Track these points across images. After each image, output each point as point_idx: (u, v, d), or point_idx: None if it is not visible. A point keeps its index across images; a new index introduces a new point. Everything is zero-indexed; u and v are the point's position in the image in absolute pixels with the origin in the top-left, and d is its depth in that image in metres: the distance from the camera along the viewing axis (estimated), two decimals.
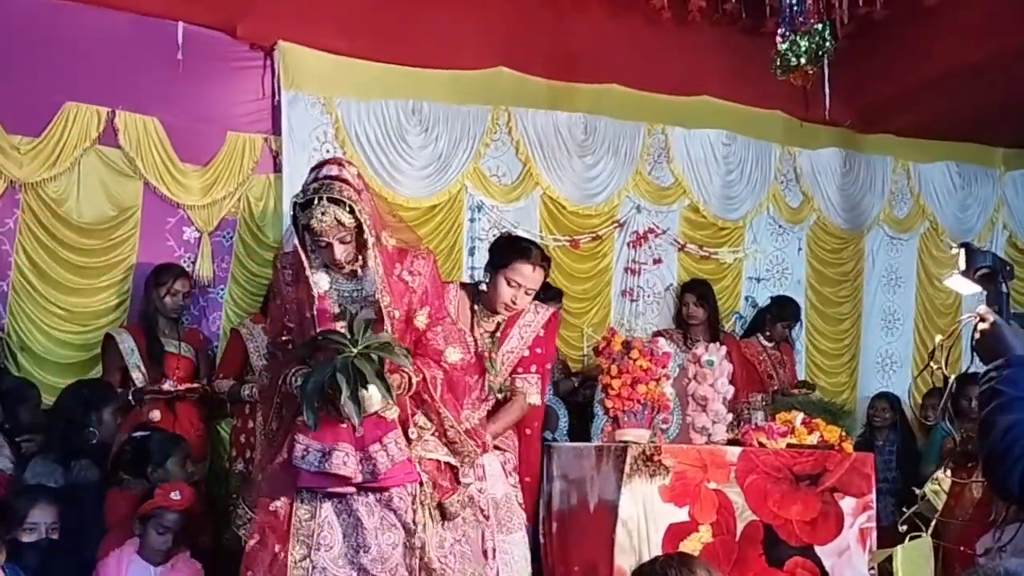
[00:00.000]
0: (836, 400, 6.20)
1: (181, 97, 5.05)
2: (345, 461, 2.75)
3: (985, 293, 2.08)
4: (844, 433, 4.03)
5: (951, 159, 6.95)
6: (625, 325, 5.98)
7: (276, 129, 5.27)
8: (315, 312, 2.83)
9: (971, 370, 2.16)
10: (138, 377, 4.50)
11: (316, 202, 2.73)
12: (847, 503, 3.86)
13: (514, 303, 3.40)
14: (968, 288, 2.15)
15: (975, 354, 1.99)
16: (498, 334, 3.49)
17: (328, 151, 5.36)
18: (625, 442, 3.81)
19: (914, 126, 6.65)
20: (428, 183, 5.60)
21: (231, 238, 5.20)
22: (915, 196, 6.88)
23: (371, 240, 2.79)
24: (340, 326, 2.78)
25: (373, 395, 2.68)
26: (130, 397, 4.42)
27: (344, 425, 2.75)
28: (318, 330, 2.80)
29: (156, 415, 4.38)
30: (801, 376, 6.18)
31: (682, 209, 6.24)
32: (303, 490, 2.86)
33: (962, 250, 2.11)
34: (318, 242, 2.80)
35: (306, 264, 2.84)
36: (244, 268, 5.18)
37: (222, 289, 5.17)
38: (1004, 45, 5.43)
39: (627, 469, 3.62)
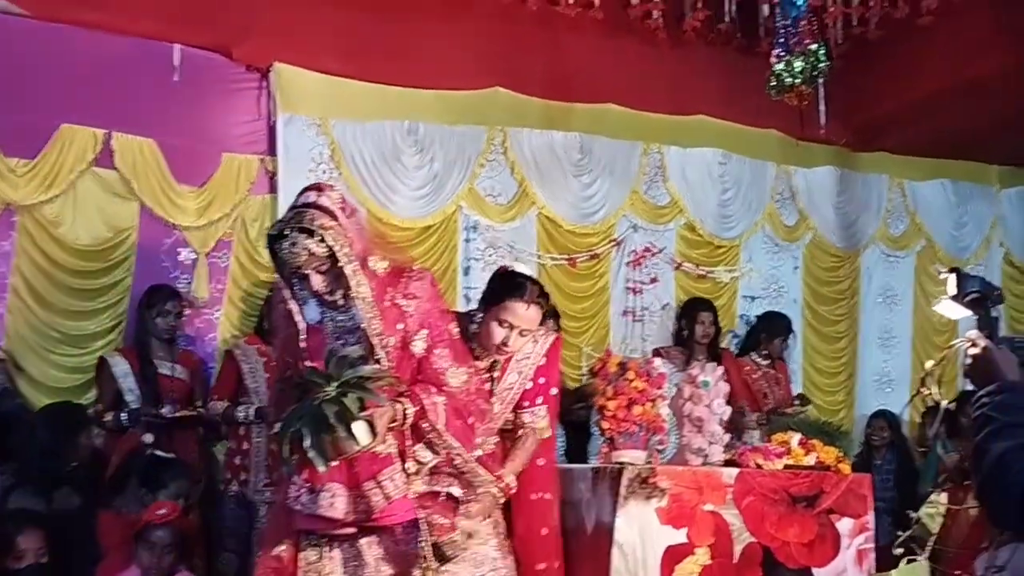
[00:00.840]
0: (833, 419, 6.19)
1: (177, 119, 5.07)
2: (332, 502, 2.64)
3: (976, 317, 2.08)
4: (841, 454, 4.02)
5: (946, 177, 6.97)
6: (628, 344, 5.98)
7: (272, 150, 5.29)
8: (305, 346, 2.73)
9: (969, 388, 2.15)
10: (131, 400, 4.49)
11: (288, 233, 2.63)
12: (844, 524, 3.84)
13: (506, 345, 3.09)
14: (958, 313, 2.15)
15: (967, 379, 1.98)
16: (496, 372, 3.24)
17: (324, 172, 5.38)
18: (621, 464, 3.80)
19: (909, 144, 6.68)
20: (423, 203, 5.61)
21: (227, 259, 5.20)
22: (911, 214, 6.89)
23: (348, 268, 2.65)
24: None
25: (345, 440, 2.52)
26: (123, 418, 4.41)
27: (336, 463, 2.61)
28: (307, 365, 2.72)
29: (149, 438, 4.37)
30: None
31: (678, 228, 6.26)
32: (307, 532, 2.77)
33: (952, 275, 2.12)
34: (296, 274, 2.69)
35: (288, 296, 2.75)
36: (240, 289, 5.18)
37: (218, 310, 5.17)
38: (998, 64, 5.47)
39: (623, 491, 3.60)
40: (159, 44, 5.04)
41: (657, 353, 5.59)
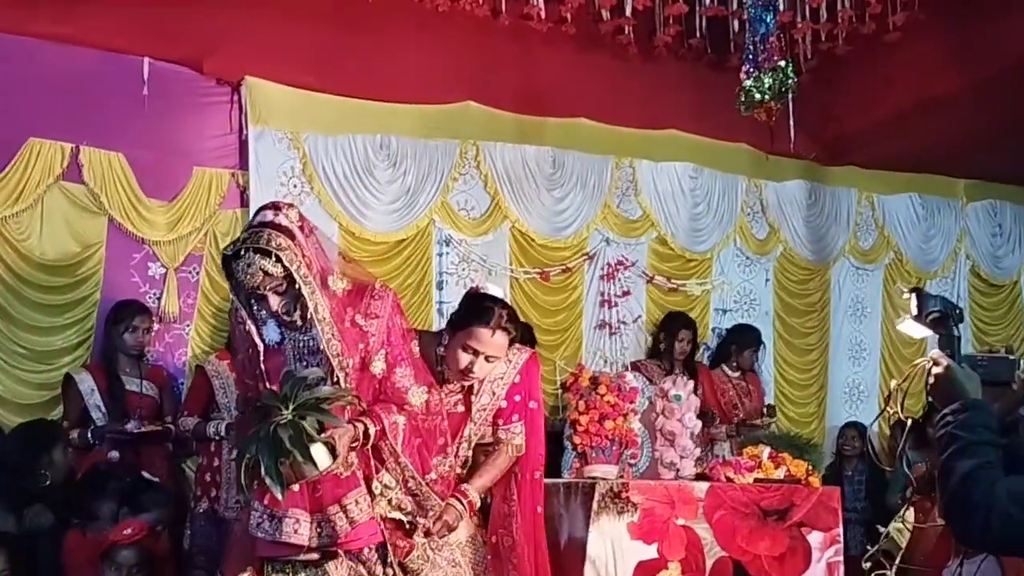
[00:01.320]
0: (805, 430, 6.24)
1: (147, 133, 5.04)
2: (296, 528, 2.60)
3: (937, 337, 2.10)
4: (811, 467, 4.05)
5: (914, 191, 7.06)
6: (601, 357, 6.00)
7: (243, 164, 5.26)
8: (264, 368, 2.69)
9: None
10: (98, 417, 4.44)
11: (244, 253, 2.57)
12: (815, 537, 3.87)
13: (471, 371, 3.00)
14: (920, 332, 2.17)
15: (930, 398, 2.00)
16: (474, 395, 3.15)
17: (295, 186, 5.37)
18: (593, 478, 3.80)
19: (878, 158, 6.75)
20: (396, 217, 5.60)
21: (197, 274, 5.16)
22: (880, 227, 6.97)
23: (305, 289, 2.60)
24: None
25: (303, 464, 2.45)
26: (89, 436, 4.35)
27: (297, 488, 2.57)
28: (267, 388, 2.66)
29: (115, 455, 4.32)
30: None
31: (650, 241, 6.29)
32: (270, 559, 2.73)
33: (913, 295, 2.14)
34: (254, 294, 2.64)
35: (245, 317, 2.69)
36: (210, 304, 5.14)
37: (188, 325, 5.13)
38: (963, 80, 5.54)
39: (595, 506, 3.62)
40: (128, 58, 5.00)
41: (635, 367, 5.62)
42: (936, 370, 1.95)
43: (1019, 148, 6.38)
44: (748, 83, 4.50)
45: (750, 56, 4.49)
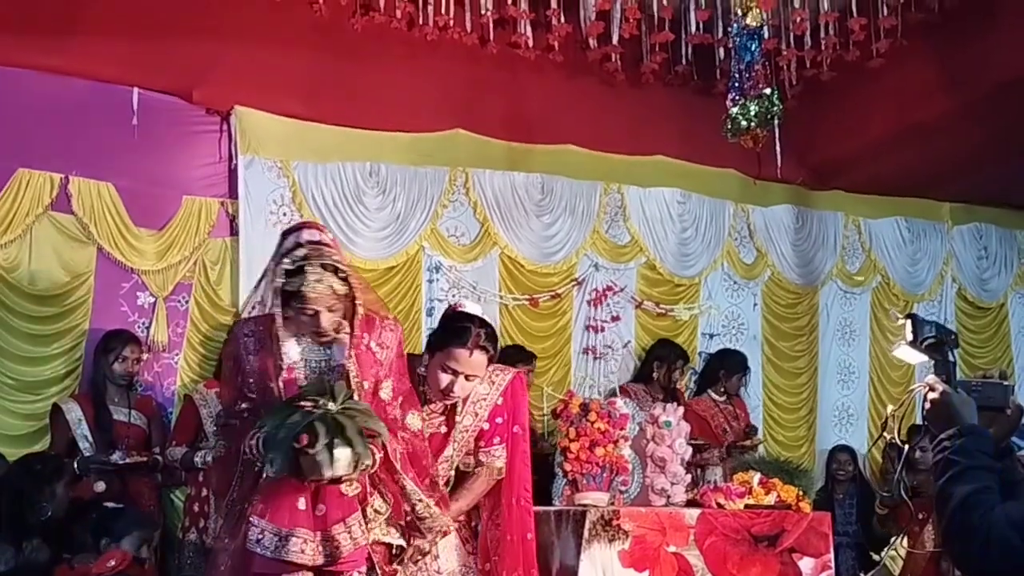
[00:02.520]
0: (795, 454, 6.26)
1: (136, 162, 5.04)
2: (303, 548, 2.59)
3: (933, 362, 2.11)
4: (801, 492, 4.06)
5: (900, 214, 7.11)
6: (590, 382, 6.00)
7: (232, 193, 5.28)
8: (282, 383, 2.68)
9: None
10: (86, 447, 4.41)
11: (308, 268, 2.59)
12: (806, 564, 3.88)
13: (451, 391, 3.00)
14: (916, 358, 2.18)
15: (926, 423, 2.01)
16: (457, 416, 3.14)
17: (285, 214, 5.38)
18: (584, 506, 3.80)
19: (864, 182, 6.81)
20: (386, 244, 5.61)
21: (186, 302, 5.16)
22: (867, 251, 7.02)
23: (361, 310, 2.67)
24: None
25: (342, 457, 2.49)
26: (76, 467, 4.32)
27: (302, 505, 2.59)
28: (281, 398, 2.65)
29: (101, 486, 4.29)
30: (759, 430, 6.21)
31: (639, 267, 6.32)
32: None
33: (908, 321, 2.15)
34: (303, 310, 2.65)
35: (280, 333, 2.69)
36: (200, 333, 5.14)
37: (177, 354, 5.11)
38: (946, 105, 5.61)
39: (586, 534, 3.62)
40: (118, 88, 5.02)
41: (623, 391, 5.63)
42: (932, 395, 1.96)
43: (1003, 171, 6.45)
44: (734, 110, 4.55)
45: (736, 84, 4.54)
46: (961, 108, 5.56)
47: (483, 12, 5.26)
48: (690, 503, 4.04)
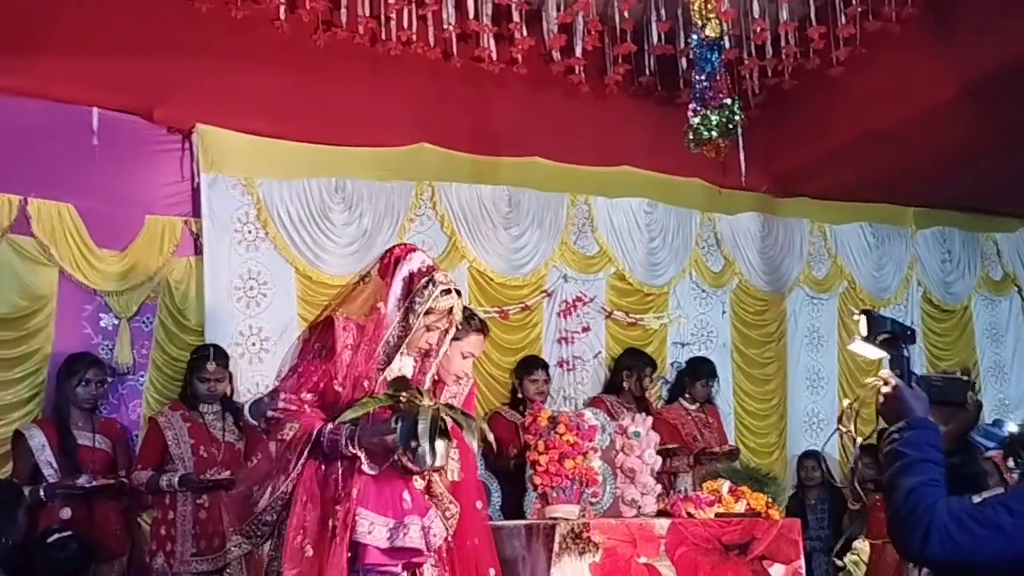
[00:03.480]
0: (766, 460, 6.28)
1: (97, 182, 4.99)
2: (417, 534, 2.72)
3: (888, 357, 2.14)
4: (771, 499, 4.07)
5: (865, 220, 7.18)
6: (563, 393, 6.00)
7: (196, 211, 5.24)
8: (376, 386, 2.84)
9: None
10: (50, 473, 4.34)
11: (451, 290, 2.90)
12: (777, 571, 3.89)
13: (466, 374, 3.35)
14: (871, 352, 2.21)
15: (880, 416, 2.04)
16: None
17: (250, 231, 5.35)
18: (554, 519, 3.79)
19: (828, 189, 6.88)
20: (353, 260, 5.56)
21: (151, 323, 5.10)
22: (832, 257, 7.08)
23: (452, 331, 2.96)
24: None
25: (441, 449, 2.67)
26: (41, 494, 4.25)
27: (407, 496, 2.74)
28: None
29: (67, 513, 4.23)
30: (731, 436, 6.24)
31: (608, 277, 6.33)
32: (362, 570, 2.74)
33: (863, 317, 2.18)
34: (429, 327, 2.89)
35: (404, 347, 2.88)
36: (165, 353, 5.08)
37: (142, 376, 5.05)
38: (907, 111, 5.67)
39: (556, 548, 3.61)
40: (77, 108, 4.97)
41: (594, 402, 5.63)
42: (885, 389, 2.00)
43: (965, 175, 6.53)
44: (695, 121, 4.58)
45: (696, 94, 4.57)
46: (921, 114, 5.63)
47: (446, 27, 5.26)
48: (660, 513, 4.04)
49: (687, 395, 5.94)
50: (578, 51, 5.52)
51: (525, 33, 5.34)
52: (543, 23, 5.55)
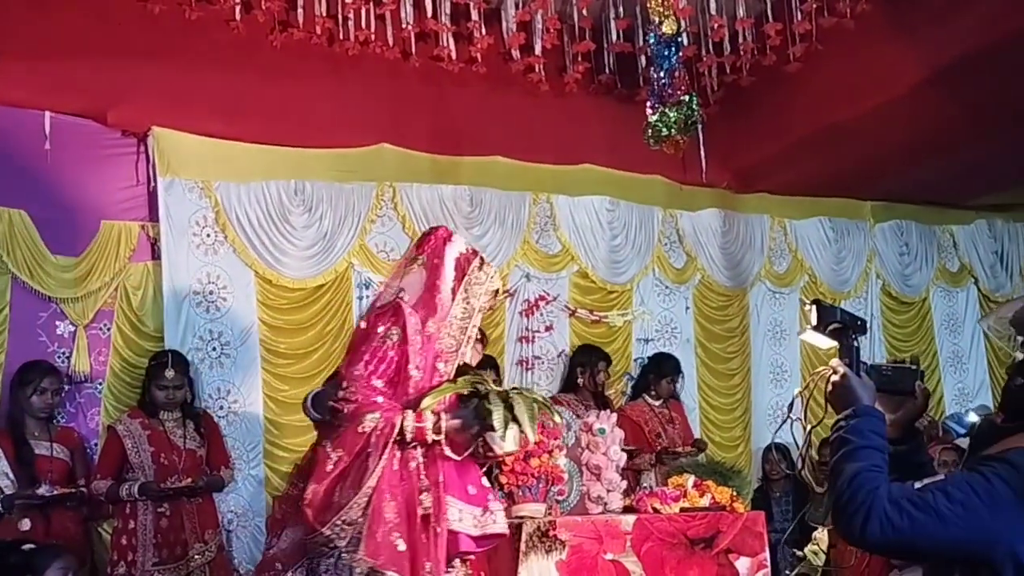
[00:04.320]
0: (731, 454, 6.32)
1: (50, 188, 4.91)
2: (500, 520, 2.79)
3: (839, 347, 2.16)
4: (735, 493, 4.09)
5: (824, 214, 7.26)
6: None
7: (153, 216, 5.17)
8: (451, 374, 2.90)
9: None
10: (6, 484, 4.25)
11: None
12: (742, 563, 3.90)
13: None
14: (822, 342, 2.23)
15: (828, 404, 2.07)
16: None
17: (208, 235, 5.28)
18: (520, 518, 3.78)
19: (787, 184, 6.93)
20: (314, 263, 5.54)
21: (108, 330, 5.02)
22: (793, 251, 7.14)
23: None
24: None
25: (513, 436, 2.70)
26: (0, 506, 4.17)
27: (486, 482, 2.81)
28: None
29: (26, 524, 4.15)
30: (696, 431, 6.27)
31: (571, 275, 6.33)
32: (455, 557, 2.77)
33: (814, 307, 2.21)
34: (480, 309, 2.97)
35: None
36: (123, 360, 5.00)
37: (100, 383, 4.97)
38: (862, 107, 5.73)
39: (523, 547, 3.59)
40: (28, 112, 4.88)
41: (556, 401, 5.62)
42: (834, 378, 2.03)
43: (920, 169, 6.62)
44: (654, 118, 4.59)
45: (655, 92, 4.58)
46: (876, 109, 5.69)
47: (404, 26, 5.24)
48: (626, 509, 4.04)
49: (652, 391, 5.94)
50: (537, 49, 5.52)
51: (484, 32, 5.34)
52: (502, 22, 5.55)
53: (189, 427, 4.60)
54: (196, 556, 4.42)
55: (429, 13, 5.13)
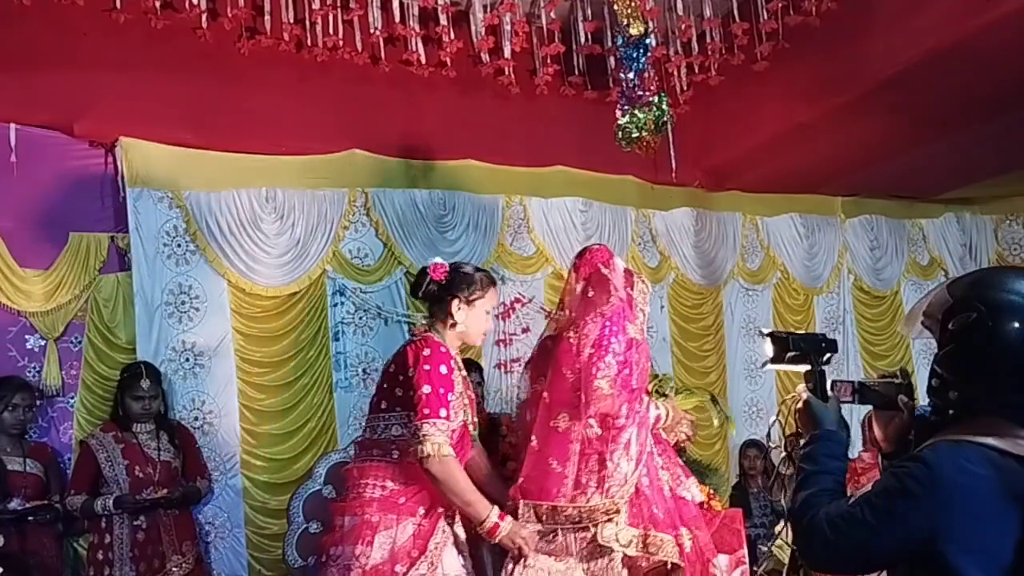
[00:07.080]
0: (708, 452, 6.35)
1: (17, 201, 4.85)
2: None
3: (805, 371, 2.17)
4: (712, 490, 4.10)
5: (795, 211, 7.32)
6: (500, 396, 5.98)
7: (122, 226, 5.12)
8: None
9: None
10: None
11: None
12: (720, 560, 3.90)
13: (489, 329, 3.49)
14: (789, 369, 2.24)
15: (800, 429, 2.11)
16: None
17: (180, 245, 5.24)
18: None
19: (758, 182, 6.98)
20: (287, 271, 5.51)
21: (79, 343, 4.97)
22: (765, 248, 7.19)
23: None
24: None
25: None
26: None
27: None
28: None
29: None
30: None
31: (546, 277, 6.34)
32: None
33: (767, 340, 2.22)
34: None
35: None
36: (95, 373, 4.95)
37: (72, 397, 4.92)
38: (830, 103, 5.78)
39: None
40: None
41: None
42: (798, 405, 2.10)
43: (888, 164, 6.69)
44: (623, 120, 4.60)
45: (624, 93, 4.60)
46: (844, 106, 5.74)
47: (373, 31, 5.22)
48: None
49: None
50: (507, 52, 5.52)
51: (453, 36, 5.33)
52: (470, 25, 5.55)
53: (163, 439, 4.56)
54: (174, 568, 4.39)
55: (397, 18, 5.12)
